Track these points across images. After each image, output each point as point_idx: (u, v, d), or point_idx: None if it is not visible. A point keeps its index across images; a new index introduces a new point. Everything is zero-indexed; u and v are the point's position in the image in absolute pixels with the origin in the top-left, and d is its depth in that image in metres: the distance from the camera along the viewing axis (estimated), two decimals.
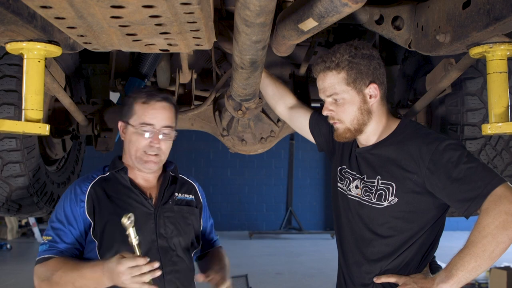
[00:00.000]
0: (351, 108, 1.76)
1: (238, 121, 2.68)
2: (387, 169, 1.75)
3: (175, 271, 1.80)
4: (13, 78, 2.32)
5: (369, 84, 1.75)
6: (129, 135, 1.83)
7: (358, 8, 1.25)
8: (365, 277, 1.79)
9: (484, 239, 1.50)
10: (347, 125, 1.78)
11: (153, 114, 1.81)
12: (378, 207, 1.75)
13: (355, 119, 1.77)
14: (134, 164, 1.84)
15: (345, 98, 1.76)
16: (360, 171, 1.83)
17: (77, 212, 1.75)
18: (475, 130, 2.50)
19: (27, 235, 10.79)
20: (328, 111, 1.81)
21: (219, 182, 11.65)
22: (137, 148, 1.81)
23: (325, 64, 1.77)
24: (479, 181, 1.57)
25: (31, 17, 1.45)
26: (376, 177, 1.77)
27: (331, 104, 1.80)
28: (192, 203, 1.95)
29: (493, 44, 1.76)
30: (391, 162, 1.75)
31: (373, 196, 1.76)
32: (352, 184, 1.85)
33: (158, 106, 1.82)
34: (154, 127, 1.81)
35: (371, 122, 1.79)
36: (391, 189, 1.73)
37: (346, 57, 1.74)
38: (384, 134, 1.81)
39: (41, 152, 2.69)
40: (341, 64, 1.74)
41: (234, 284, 1.88)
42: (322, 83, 1.80)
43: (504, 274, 5.24)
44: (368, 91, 1.76)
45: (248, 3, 1.15)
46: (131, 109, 1.83)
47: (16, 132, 1.68)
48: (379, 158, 1.79)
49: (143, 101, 1.82)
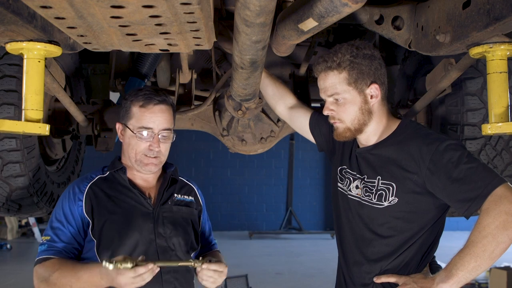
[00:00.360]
0: (352, 108, 1.76)
1: (238, 121, 2.68)
2: (388, 169, 1.75)
3: (173, 271, 1.80)
4: (13, 78, 2.32)
5: (370, 84, 1.75)
6: (128, 138, 1.83)
7: (358, 8, 1.25)
8: (365, 277, 1.79)
9: (484, 239, 1.51)
10: (347, 125, 1.78)
11: (151, 118, 1.80)
12: (378, 207, 1.75)
13: (355, 119, 1.77)
14: (134, 166, 1.84)
15: (346, 98, 1.76)
16: (360, 171, 1.84)
17: (75, 211, 1.75)
18: (475, 130, 2.50)
19: (27, 235, 10.79)
20: (329, 111, 1.81)
21: (219, 182, 11.65)
22: (137, 152, 1.81)
23: (327, 63, 1.77)
24: (480, 181, 1.57)
25: (31, 17, 1.45)
26: (377, 177, 1.77)
27: (332, 103, 1.80)
28: (191, 204, 1.95)
29: (493, 44, 1.76)
30: (392, 162, 1.75)
31: (374, 196, 1.77)
32: (353, 184, 1.85)
33: (156, 109, 1.81)
34: (153, 131, 1.80)
35: (371, 122, 1.79)
36: (392, 189, 1.73)
37: (348, 57, 1.74)
38: (384, 134, 1.81)
39: (41, 152, 2.69)
40: (342, 64, 1.74)
41: (234, 284, 1.87)
42: (323, 83, 1.81)
43: (504, 274, 5.25)
44: (369, 91, 1.76)
45: (248, 3, 1.15)
46: (129, 112, 1.82)
47: (16, 132, 1.68)
48: (379, 158, 1.79)
49: (141, 105, 1.80)
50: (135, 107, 1.82)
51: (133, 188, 1.83)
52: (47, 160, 2.86)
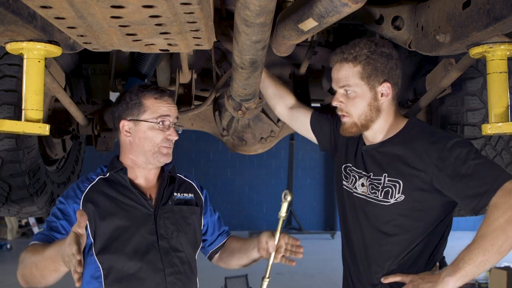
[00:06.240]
0: (361, 102, 1.76)
1: (238, 121, 2.68)
2: (394, 167, 1.75)
3: (176, 272, 1.79)
4: (13, 78, 2.31)
5: (382, 82, 1.75)
6: (143, 132, 1.82)
7: (358, 8, 1.25)
8: (373, 277, 1.79)
9: (493, 233, 1.49)
10: (354, 120, 1.78)
11: (168, 107, 1.85)
12: (384, 204, 1.75)
13: (363, 114, 1.77)
14: (149, 160, 1.84)
15: (356, 92, 1.76)
16: (366, 169, 1.83)
17: (71, 208, 1.75)
18: (475, 130, 2.50)
19: (27, 235, 10.79)
20: (338, 102, 1.81)
21: (219, 182, 11.65)
22: (155, 143, 1.82)
23: (343, 55, 1.77)
24: (488, 176, 1.56)
25: (31, 17, 1.45)
26: (383, 175, 1.77)
27: (342, 95, 1.80)
28: (191, 201, 1.95)
29: (493, 44, 1.77)
30: (398, 159, 1.74)
31: (380, 193, 1.76)
32: (358, 182, 1.85)
33: (170, 100, 1.87)
34: (170, 119, 1.85)
35: (378, 120, 1.79)
36: (398, 186, 1.72)
37: (365, 51, 1.74)
38: (391, 132, 1.81)
39: (41, 152, 2.69)
40: (358, 58, 1.74)
41: (234, 284, 1.88)
42: (336, 73, 1.80)
43: (504, 274, 5.25)
44: (380, 89, 1.76)
45: (248, 3, 1.15)
46: (141, 106, 1.83)
47: (16, 132, 1.68)
48: (386, 155, 1.79)
49: (156, 97, 1.84)
50: (148, 100, 1.83)
51: (134, 189, 1.83)
52: (47, 160, 2.86)
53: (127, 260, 1.73)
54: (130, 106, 1.84)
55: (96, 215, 1.75)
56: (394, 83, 1.79)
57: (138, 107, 1.83)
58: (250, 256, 1.91)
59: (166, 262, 1.78)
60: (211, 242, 2.04)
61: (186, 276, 1.83)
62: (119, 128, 1.86)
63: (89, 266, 1.74)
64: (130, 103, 1.84)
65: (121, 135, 1.87)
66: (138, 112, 1.83)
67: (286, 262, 1.82)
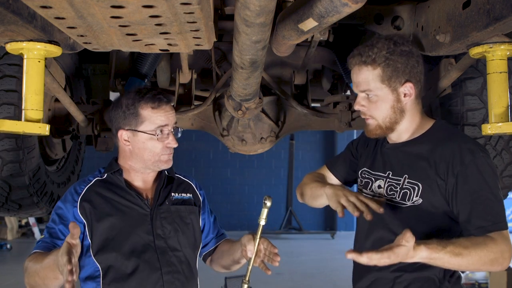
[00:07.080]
0: (383, 105, 1.71)
1: (238, 121, 2.68)
2: (416, 168, 1.71)
3: (174, 271, 1.79)
4: (13, 78, 2.32)
5: (404, 83, 1.69)
6: (142, 143, 1.80)
7: (358, 8, 1.25)
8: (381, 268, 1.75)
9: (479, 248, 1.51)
10: (379, 122, 1.74)
11: (165, 116, 1.80)
12: (401, 206, 1.71)
13: (387, 117, 1.72)
14: (148, 167, 1.83)
15: (378, 95, 1.71)
16: (384, 169, 1.80)
17: (70, 212, 1.75)
18: (475, 130, 2.50)
19: (27, 235, 10.79)
20: (360, 106, 1.76)
21: (219, 182, 11.64)
22: (155, 153, 1.80)
23: (361, 58, 1.70)
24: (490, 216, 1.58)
25: (31, 17, 1.45)
26: (403, 176, 1.73)
27: (364, 99, 1.75)
28: (189, 201, 1.95)
29: (493, 44, 1.77)
30: (423, 160, 1.71)
31: (398, 195, 1.73)
32: (375, 184, 1.81)
33: (168, 108, 1.82)
34: (168, 128, 1.81)
35: (403, 121, 1.74)
36: (417, 189, 1.69)
37: (384, 53, 1.67)
38: (417, 133, 1.77)
39: (41, 152, 2.69)
40: (377, 60, 1.68)
41: (234, 284, 1.88)
42: (356, 77, 1.75)
43: (504, 274, 5.24)
44: (402, 90, 1.70)
45: (248, 3, 1.15)
46: (138, 116, 1.78)
47: (16, 132, 1.68)
48: (409, 155, 1.75)
49: (153, 106, 1.79)
50: (145, 110, 1.78)
51: (130, 189, 1.83)
52: (47, 160, 2.86)
53: (124, 260, 1.73)
54: (127, 115, 1.80)
55: (93, 216, 1.75)
56: (417, 81, 1.72)
57: (136, 118, 1.79)
58: (235, 258, 1.91)
59: (163, 262, 1.77)
60: (205, 244, 2.03)
61: (185, 275, 1.82)
62: (117, 136, 1.84)
63: (87, 267, 1.74)
64: (127, 113, 1.79)
65: (120, 142, 1.85)
66: (136, 123, 1.79)
67: (263, 268, 1.81)
